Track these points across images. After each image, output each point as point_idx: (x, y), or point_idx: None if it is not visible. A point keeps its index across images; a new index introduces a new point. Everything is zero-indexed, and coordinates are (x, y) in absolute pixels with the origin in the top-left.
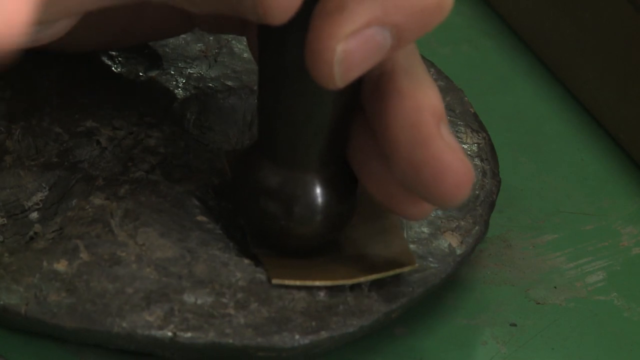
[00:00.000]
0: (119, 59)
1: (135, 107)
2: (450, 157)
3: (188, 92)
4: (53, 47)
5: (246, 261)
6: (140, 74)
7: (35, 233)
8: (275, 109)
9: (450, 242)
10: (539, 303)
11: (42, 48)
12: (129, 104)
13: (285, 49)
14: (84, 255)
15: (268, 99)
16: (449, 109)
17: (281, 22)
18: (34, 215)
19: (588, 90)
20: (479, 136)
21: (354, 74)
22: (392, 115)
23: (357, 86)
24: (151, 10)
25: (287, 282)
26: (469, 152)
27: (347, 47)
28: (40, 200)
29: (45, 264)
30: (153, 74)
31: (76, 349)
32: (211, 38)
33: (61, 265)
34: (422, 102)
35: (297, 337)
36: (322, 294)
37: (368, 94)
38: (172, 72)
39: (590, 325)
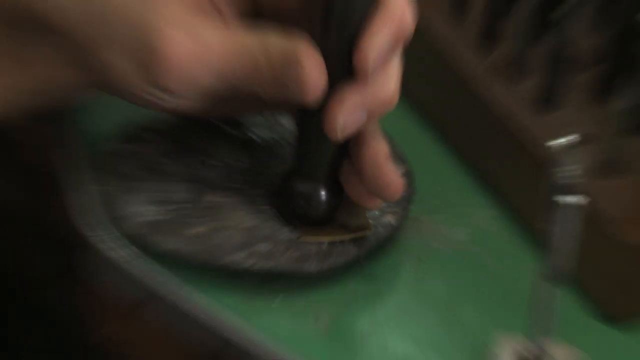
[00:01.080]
0: (230, 125)
1: (236, 150)
2: (393, 177)
3: (259, 139)
4: (189, 112)
5: (287, 229)
6: (238, 133)
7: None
8: (304, 150)
9: (390, 219)
10: (432, 249)
11: (184, 112)
12: (235, 149)
13: (312, 116)
14: (204, 227)
15: (301, 144)
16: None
17: (313, 105)
18: (189, 205)
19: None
20: (403, 167)
21: (347, 134)
22: (363, 156)
23: (346, 139)
24: (243, 98)
25: (307, 239)
26: (400, 174)
27: (344, 120)
28: (184, 196)
29: (191, 229)
30: (243, 132)
31: (202, 272)
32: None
33: (199, 229)
34: (379, 149)
35: (313, 267)
36: (324, 245)
37: (352, 143)
38: (253, 134)
39: (460, 267)
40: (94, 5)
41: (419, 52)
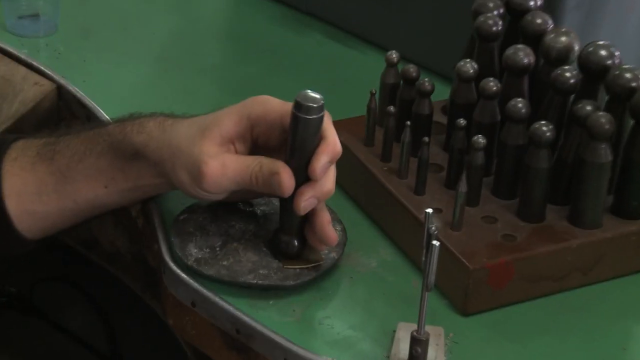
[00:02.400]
0: (243, 204)
1: (247, 217)
2: (331, 233)
3: (260, 212)
4: (220, 200)
5: (276, 262)
6: (249, 209)
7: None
8: (284, 218)
9: (334, 255)
10: (358, 272)
11: (218, 200)
12: (247, 217)
13: (287, 200)
14: (229, 261)
15: (282, 215)
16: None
17: (287, 195)
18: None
19: None
20: (340, 226)
21: (306, 211)
22: (315, 222)
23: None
24: (249, 191)
25: (287, 266)
26: (338, 229)
27: (304, 204)
28: (219, 243)
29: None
30: (251, 208)
31: (228, 286)
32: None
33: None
34: (323, 217)
35: (291, 282)
36: (297, 270)
37: (310, 214)
38: (257, 208)
39: (374, 281)
40: (167, 142)
41: (346, 164)
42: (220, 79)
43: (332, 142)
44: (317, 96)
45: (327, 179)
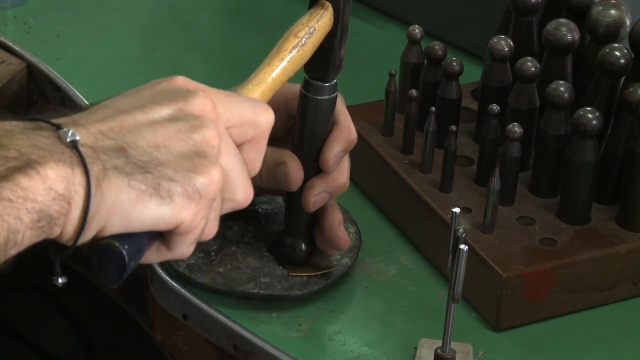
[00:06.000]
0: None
1: (247, 217)
2: (342, 236)
3: (261, 210)
4: None
5: (280, 268)
6: (249, 207)
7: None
8: (289, 217)
9: (346, 261)
10: (375, 280)
11: None
12: (247, 217)
13: (294, 196)
14: (226, 268)
15: (288, 213)
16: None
17: (294, 190)
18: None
19: None
20: (354, 228)
21: (316, 208)
22: (324, 222)
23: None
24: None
25: (293, 274)
26: (351, 232)
27: (314, 199)
28: (215, 247)
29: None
30: (252, 206)
31: (225, 296)
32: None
33: (222, 269)
34: (334, 217)
35: (297, 292)
36: (305, 278)
37: (319, 212)
38: (258, 207)
39: (392, 292)
40: None
41: (361, 156)
42: (215, 56)
43: (346, 128)
44: None
45: (340, 171)
